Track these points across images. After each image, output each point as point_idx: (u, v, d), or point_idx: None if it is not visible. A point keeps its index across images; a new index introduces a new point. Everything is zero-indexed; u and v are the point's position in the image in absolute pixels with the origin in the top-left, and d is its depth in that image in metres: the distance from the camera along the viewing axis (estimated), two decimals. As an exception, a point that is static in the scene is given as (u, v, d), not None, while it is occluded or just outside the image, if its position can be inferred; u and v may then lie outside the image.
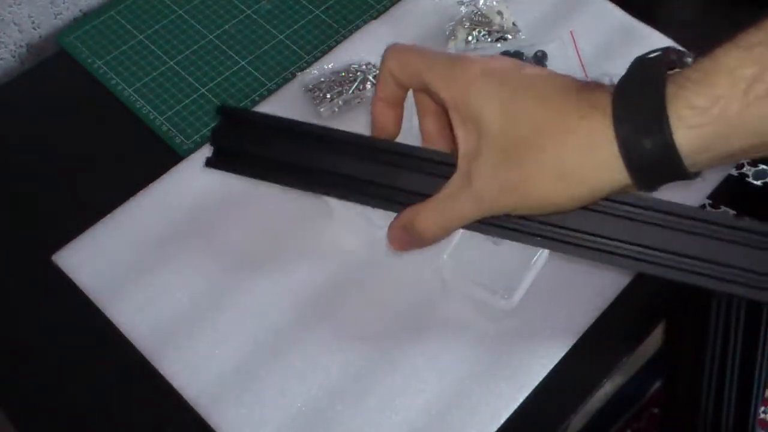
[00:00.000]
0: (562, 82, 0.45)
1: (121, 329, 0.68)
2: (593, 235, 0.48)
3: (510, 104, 0.45)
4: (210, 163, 0.55)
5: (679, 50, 0.78)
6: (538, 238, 0.48)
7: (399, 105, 0.52)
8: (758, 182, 0.72)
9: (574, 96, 0.44)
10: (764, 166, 0.72)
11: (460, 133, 0.47)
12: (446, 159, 0.49)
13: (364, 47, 0.84)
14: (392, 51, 0.50)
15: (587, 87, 0.45)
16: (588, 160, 0.43)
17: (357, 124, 0.78)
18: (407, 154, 0.50)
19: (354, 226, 0.71)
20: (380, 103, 0.52)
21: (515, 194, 0.45)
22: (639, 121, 0.42)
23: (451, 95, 0.47)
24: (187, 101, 0.82)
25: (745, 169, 0.73)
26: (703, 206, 0.71)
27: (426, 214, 0.49)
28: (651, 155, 0.42)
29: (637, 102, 0.42)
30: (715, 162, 0.43)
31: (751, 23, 0.41)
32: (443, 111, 0.49)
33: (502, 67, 0.47)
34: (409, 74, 0.49)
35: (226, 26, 0.88)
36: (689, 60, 0.75)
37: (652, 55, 0.46)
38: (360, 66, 0.81)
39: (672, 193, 0.47)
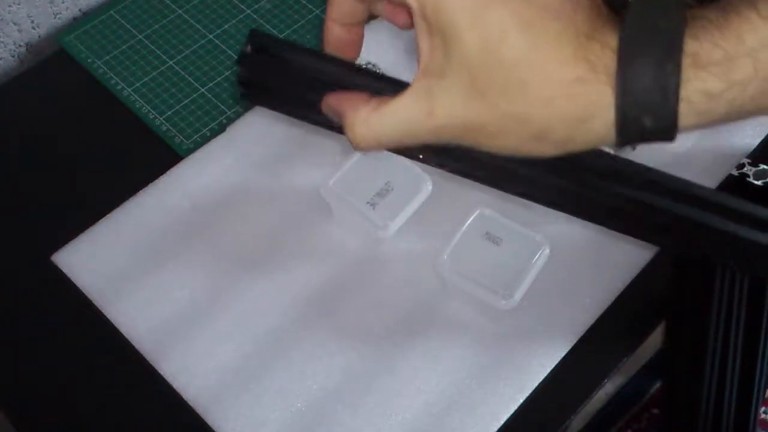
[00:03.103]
0: (566, 19, 0.38)
1: (120, 329, 0.68)
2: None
3: (492, 26, 0.37)
4: (245, 96, 0.47)
5: None
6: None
7: (358, 25, 0.45)
8: (758, 182, 0.72)
9: (575, 44, 0.37)
10: (764, 166, 0.72)
11: (424, 45, 0.40)
12: None
13: (363, 47, 0.84)
14: None
15: (594, 31, 0.37)
16: (576, 130, 0.38)
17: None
18: None
19: (354, 226, 0.71)
20: (335, 27, 0.45)
21: (478, 134, 0.40)
22: (645, 100, 0.36)
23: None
24: (186, 101, 0.82)
25: (745, 169, 0.73)
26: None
27: (370, 119, 0.42)
28: (648, 132, 0.37)
29: (646, 72, 0.36)
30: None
31: None
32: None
33: None
34: None
35: (226, 26, 0.88)
36: None
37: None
38: (360, 65, 0.81)
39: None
